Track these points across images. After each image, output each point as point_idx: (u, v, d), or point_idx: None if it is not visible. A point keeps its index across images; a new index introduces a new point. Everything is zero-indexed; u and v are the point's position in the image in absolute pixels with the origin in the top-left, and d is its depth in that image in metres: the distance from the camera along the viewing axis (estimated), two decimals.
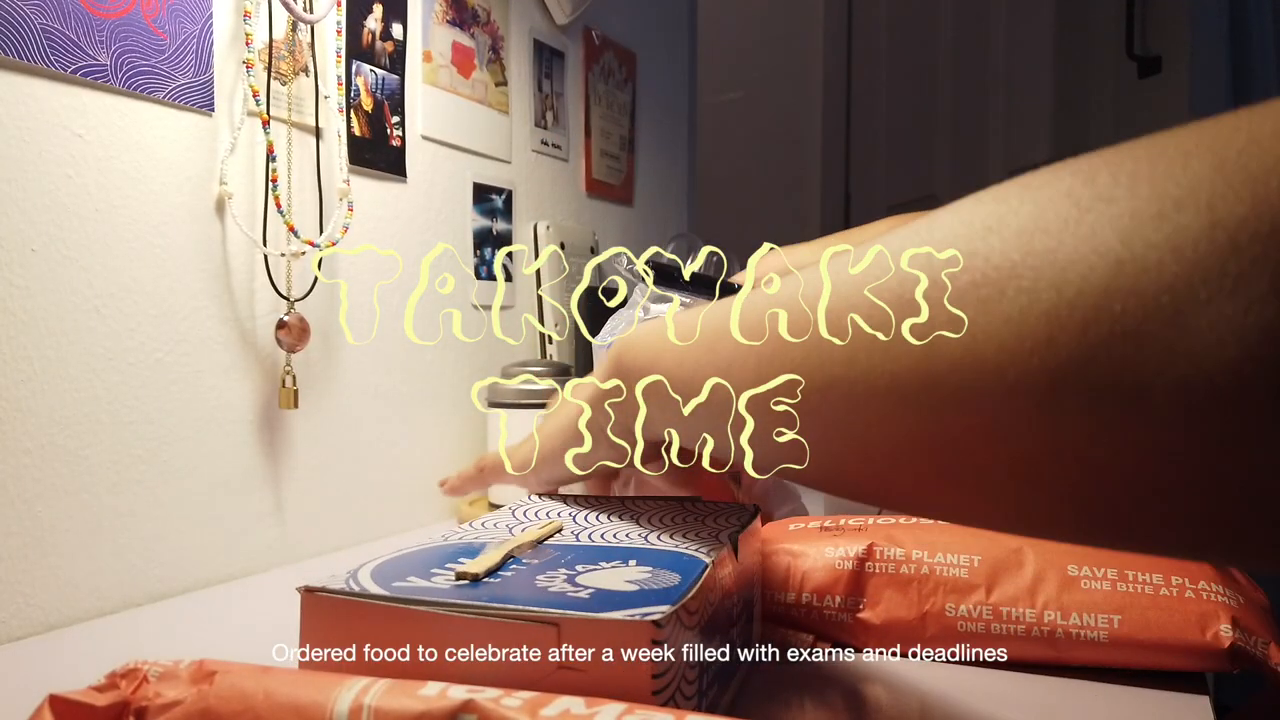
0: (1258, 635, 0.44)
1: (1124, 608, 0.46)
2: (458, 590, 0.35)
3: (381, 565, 0.39)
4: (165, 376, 0.63)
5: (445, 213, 0.91)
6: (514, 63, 1.01)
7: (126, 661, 0.30)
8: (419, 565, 0.39)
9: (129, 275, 0.60)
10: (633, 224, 1.29)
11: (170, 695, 0.29)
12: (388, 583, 0.36)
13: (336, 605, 0.34)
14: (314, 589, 0.34)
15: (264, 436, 0.70)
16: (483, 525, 0.46)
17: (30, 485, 0.55)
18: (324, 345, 0.76)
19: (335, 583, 0.35)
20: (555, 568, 0.38)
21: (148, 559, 0.62)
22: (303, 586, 0.35)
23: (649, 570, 0.37)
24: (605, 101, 1.21)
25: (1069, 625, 0.47)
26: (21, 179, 0.54)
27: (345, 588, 0.35)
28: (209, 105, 0.65)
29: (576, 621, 0.31)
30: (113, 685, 0.29)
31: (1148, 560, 0.48)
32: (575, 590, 0.35)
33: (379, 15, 0.81)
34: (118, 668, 0.30)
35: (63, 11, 0.55)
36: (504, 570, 0.38)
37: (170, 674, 0.29)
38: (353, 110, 0.78)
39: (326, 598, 0.34)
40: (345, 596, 0.34)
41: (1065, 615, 0.47)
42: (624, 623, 0.30)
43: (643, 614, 0.31)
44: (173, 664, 0.30)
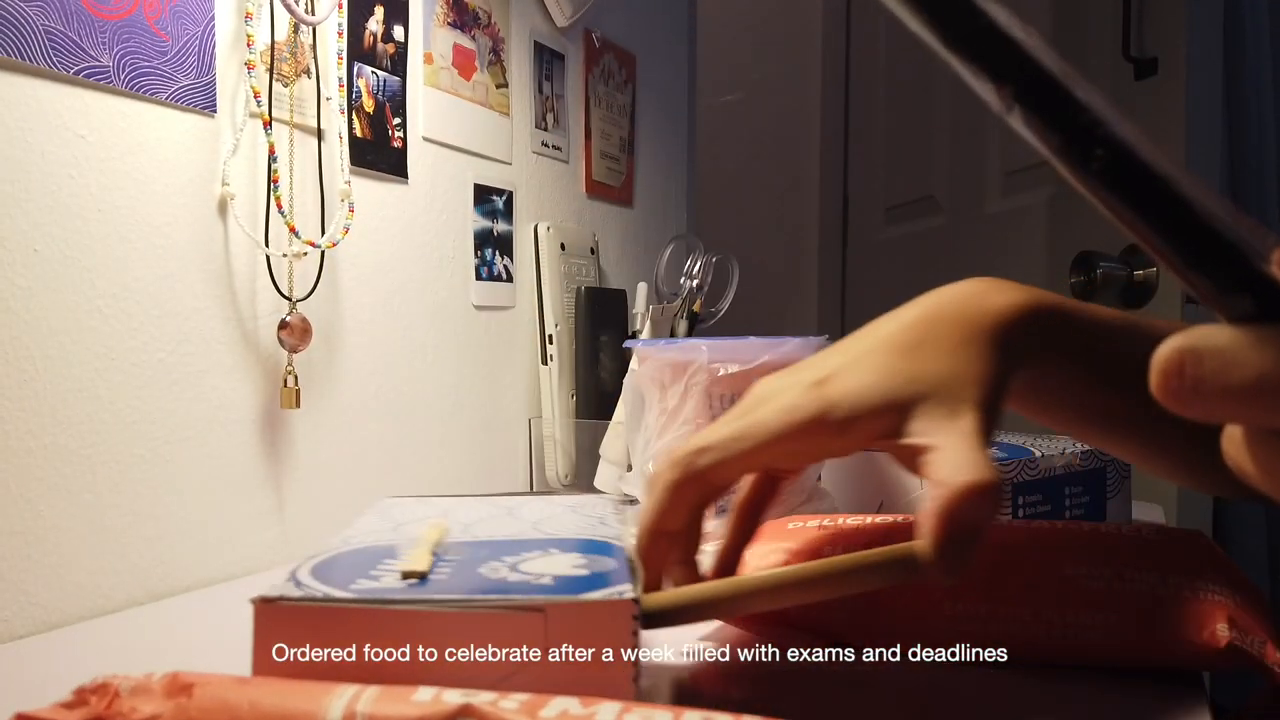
0: (1254, 634, 0.44)
1: (1120, 606, 0.46)
2: (418, 588, 0.35)
3: (317, 569, 0.38)
4: (167, 376, 0.63)
5: (446, 214, 0.91)
6: (514, 65, 1.02)
7: (95, 676, 0.29)
8: (350, 570, 0.38)
9: (131, 275, 0.61)
10: (633, 225, 1.29)
11: (146, 710, 0.28)
12: (345, 586, 0.35)
13: (304, 613, 0.33)
14: (273, 599, 0.34)
15: (266, 436, 0.70)
16: (364, 525, 0.46)
17: (33, 484, 0.55)
18: (326, 345, 0.76)
19: (295, 590, 0.34)
20: (487, 561, 0.39)
21: (150, 558, 0.62)
22: (258, 598, 0.33)
23: (583, 556, 0.39)
24: (605, 103, 1.22)
25: (1066, 623, 0.47)
26: (24, 180, 0.54)
27: (310, 594, 0.34)
28: (211, 106, 0.65)
29: (561, 605, 0.33)
30: (82, 701, 0.28)
31: (1145, 559, 0.48)
32: (534, 578, 0.36)
33: (380, 17, 0.81)
34: (86, 683, 0.28)
35: (65, 13, 0.56)
36: (439, 566, 0.38)
37: (143, 687, 0.28)
38: (354, 112, 0.79)
39: (291, 606, 0.33)
40: (314, 603, 0.33)
41: (1062, 614, 0.47)
42: (605, 603, 0.33)
43: (617, 593, 0.33)
44: (144, 677, 0.29)
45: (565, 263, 1.06)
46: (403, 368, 0.85)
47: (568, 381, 1.04)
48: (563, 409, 1.02)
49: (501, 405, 0.99)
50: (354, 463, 0.79)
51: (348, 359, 0.79)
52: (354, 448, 0.79)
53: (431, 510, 0.51)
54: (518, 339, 1.02)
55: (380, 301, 0.82)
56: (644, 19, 1.32)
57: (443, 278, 0.90)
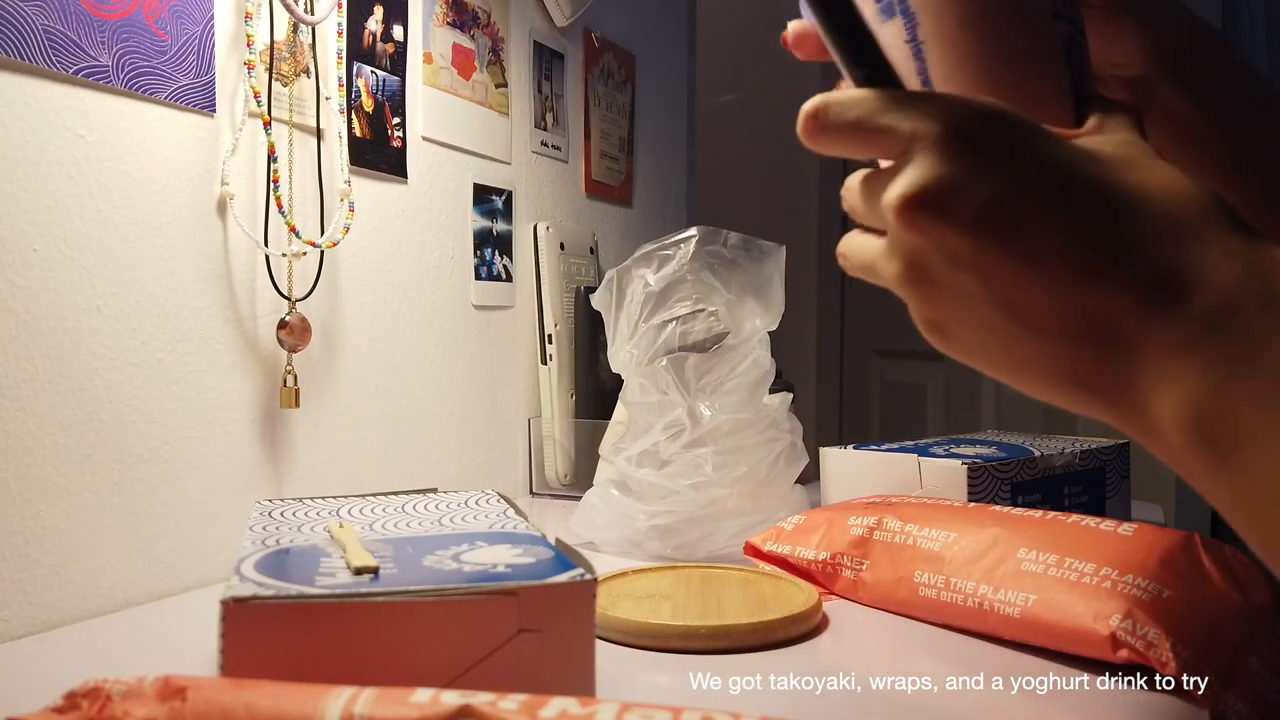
0: (1152, 628, 0.44)
1: (1042, 589, 0.49)
2: (380, 582, 0.36)
3: (263, 570, 0.38)
4: (167, 376, 0.63)
5: (445, 213, 0.91)
6: (514, 64, 1.02)
7: (88, 679, 0.29)
8: (296, 568, 0.39)
9: (131, 275, 0.61)
10: (632, 225, 1.29)
11: (139, 714, 0.27)
12: (309, 583, 0.36)
13: (278, 612, 0.34)
14: (245, 598, 0.34)
15: (265, 436, 0.70)
16: (263, 529, 0.47)
17: (32, 484, 0.55)
18: (325, 345, 0.76)
19: (264, 590, 0.35)
20: (425, 555, 0.41)
21: (149, 557, 0.62)
22: (228, 598, 0.33)
23: (517, 546, 0.42)
24: (605, 103, 1.22)
25: (994, 599, 0.51)
26: (23, 179, 0.54)
27: (284, 593, 0.34)
28: (210, 106, 0.65)
29: (531, 589, 0.36)
30: (73, 705, 0.28)
31: (1089, 550, 0.50)
32: (488, 567, 0.39)
33: (380, 17, 0.81)
34: (77, 687, 0.28)
35: (64, 12, 0.56)
36: (382, 562, 0.40)
37: (135, 691, 0.28)
38: (354, 111, 0.79)
39: (265, 605, 0.34)
40: (289, 601, 0.34)
41: (995, 590, 0.51)
42: (571, 584, 0.37)
43: (580, 575, 0.37)
44: (136, 680, 0.28)
45: (565, 262, 1.06)
46: (402, 367, 0.85)
47: (567, 381, 1.04)
48: (562, 409, 1.02)
49: (501, 405, 0.99)
50: (353, 462, 0.79)
51: (347, 358, 0.79)
52: (353, 447, 0.79)
53: (313, 511, 0.52)
54: (517, 339, 1.02)
55: (380, 301, 0.82)
56: (644, 19, 1.32)
57: (442, 277, 0.90)
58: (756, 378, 0.75)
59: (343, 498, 0.56)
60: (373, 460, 0.81)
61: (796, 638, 0.53)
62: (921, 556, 0.56)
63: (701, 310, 0.75)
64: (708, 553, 0.71)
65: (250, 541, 0.44)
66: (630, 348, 0.76)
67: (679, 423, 0.73)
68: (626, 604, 0.56)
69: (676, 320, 0.74)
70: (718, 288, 0.75)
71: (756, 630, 0.51)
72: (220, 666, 0.33)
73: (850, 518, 0.62)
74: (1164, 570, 0.47)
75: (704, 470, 0.72)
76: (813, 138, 0.33)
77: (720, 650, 0.51)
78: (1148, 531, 0.51)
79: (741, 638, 0.51)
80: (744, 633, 0.51)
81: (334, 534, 0.44)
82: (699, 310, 0.75)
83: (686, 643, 0.51)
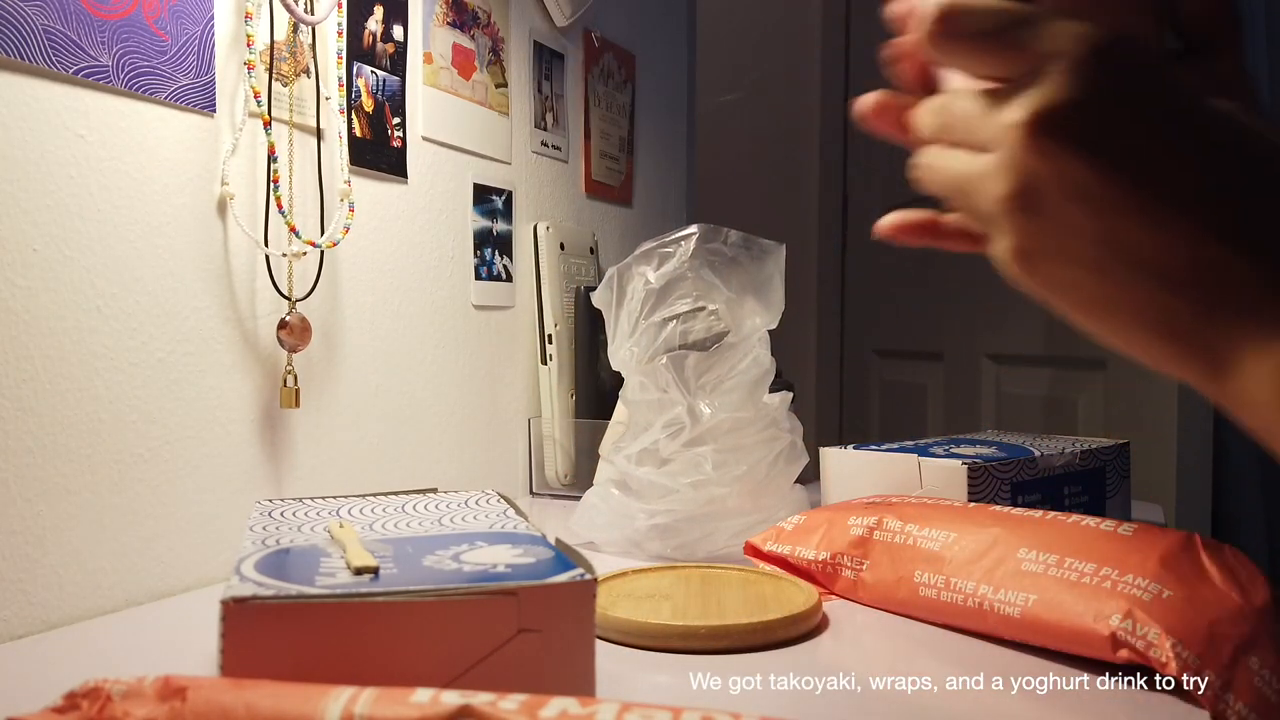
0: (1152, 628, 0.44)
1: (1043, 589, 0.49)
2: (380, 582, 0.36)
3: (263, 570, 0.38)
4: (167, 376, 0.63)
5: (446, 213, 0.91)
6: (514, 64, 1.02)
7: (88, 679, 0.29)
8: (296, 568, 0.39)
9: (131, 275, 0.61)
10: (632, 224, 1.29)
11: (140, 714, 0.27)
12: (309, 583, 0.36)
13: (279, 612, 0.34)
14: (245, 598, 0.34)
15: (265, 436, 0.70)
16: (263, 529, 0.47)
17: (32, 484, 0.55)
18: (325, 345, 0.76)
19: (263, 590, 0.35)
20: (425, 555, 0.41)
21: (149, 557, 0.62)
22: (228, 598, 0.33)
23: (516, 546, 0.42)
24: (605, 103, 1.22)
25: (994, 599, 0.51)
26: (23, 179, 0.54)
27: (284, 592, 0.34)
28: (210, 106, 0.65)
29: (531, 589, 0.36)
30: (73, 706, 0.28)
31: (1089, 550, 0.50)
32: (488, 567, 0.39)
33: (380, 17, 0.81)
34: (77, 687, 0.28)
35: (64, 12, 0.56)
36: (382, 562, 0.40)
37: (135, 691, 0.28)
38: (354, 111, 0.79)
39: (265, 605, 0.34)
40: (290, 601, 0.34)
41: (995, 590, 0.51)
42: (571, 584, 0.36)
43: (579, 575, 0.37)
44: (136, 681, 0.28)
45: (565, 262, 1.06)
46: (402, 367, 0.85)
47: (567, 381, 1.04)
48: (562, 409, 1.02)
49: (501, 405, 0.99)
50: (353, 462, 0.79)
51: (347, 358, 0.79)
52: (353, 447, 0.79)
53: (313, 511, 0.52)
54: (517, 339, 1.02)
55: (380, 301, 0.82)
56: (644, 19, 1.32)
57: (442, 277, 0.90)
58: (756, 376, 0.75)
59: (343, 498, 0.56)
60: (373, 460, 0.81)
61: (796, 638, 0.53)
62: (921, 556, 0.56)
63: (702, 308, 0.75)
64: (708, 552, 0.71)
65: (250, 541, 0.44)
66: (630, 345, 0.76)
67: (679, 421, 0.73)
68: (626, 604, 0.56)
69: (677, 318, 0.74)
70: (718, 286, 0.75)
71: (756, 630, 0.51)
72: (220, 666, 0.33)
73: (850, 518, 0.62)
74: (1164, 570, 0.47)
75: (704, 469, 0.72)
76: (936, 44, 0.30)
77: (720, 650, 0.51)
78: (1148, 531, 0.51)
79: (741, 638, 0.51)
80: (744, 633, 0.51)
81: (334, 534, 0.44)
82: (699, 308, 0.75)
83: (686, 643, 0.51)
